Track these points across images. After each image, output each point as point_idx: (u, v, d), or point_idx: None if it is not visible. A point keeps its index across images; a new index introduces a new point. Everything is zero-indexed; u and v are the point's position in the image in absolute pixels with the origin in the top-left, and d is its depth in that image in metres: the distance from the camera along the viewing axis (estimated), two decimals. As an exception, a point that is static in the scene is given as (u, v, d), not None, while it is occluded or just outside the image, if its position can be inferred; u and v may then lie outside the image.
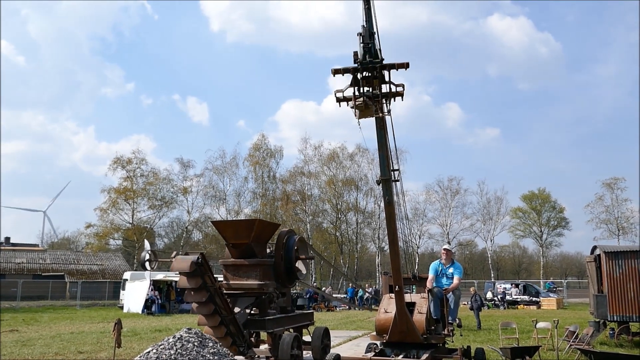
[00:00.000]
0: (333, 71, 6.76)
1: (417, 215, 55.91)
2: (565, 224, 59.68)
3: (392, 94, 7.08)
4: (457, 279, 8.97)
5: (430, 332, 8.66)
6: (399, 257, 8.19)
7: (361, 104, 6.87)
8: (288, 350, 9.86)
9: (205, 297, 9.08)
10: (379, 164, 7.70)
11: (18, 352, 13.19)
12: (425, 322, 8.68)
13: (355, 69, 6.74)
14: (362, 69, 6.73)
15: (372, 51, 6.78)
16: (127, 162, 49.30)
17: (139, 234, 48.55)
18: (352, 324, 22.23)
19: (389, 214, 7.86)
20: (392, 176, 7.66)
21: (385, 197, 7.81)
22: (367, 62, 6.64)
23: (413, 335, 8.50)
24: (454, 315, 8.87)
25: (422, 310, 8.87)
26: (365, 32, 6.83)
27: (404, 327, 8.42)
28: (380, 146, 7.47)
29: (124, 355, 12.01)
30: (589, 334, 13.03)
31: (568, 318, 22.17)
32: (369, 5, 6.92)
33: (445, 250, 9.42)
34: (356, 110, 6.99)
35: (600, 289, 14.53)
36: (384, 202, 7.94)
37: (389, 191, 7.65)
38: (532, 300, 36.01)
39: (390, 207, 7.79)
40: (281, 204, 52.97)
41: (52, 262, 49.09)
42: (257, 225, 10.41)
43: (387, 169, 7.58)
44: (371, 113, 6.99)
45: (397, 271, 8.12)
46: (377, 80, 6.89)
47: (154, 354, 6.98)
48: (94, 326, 20.95)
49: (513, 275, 74.57)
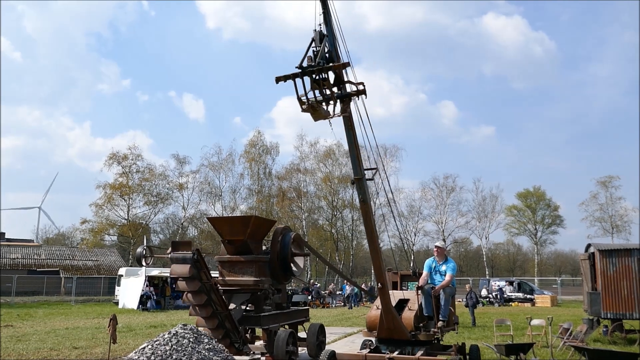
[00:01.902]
0: (276, 79, 6.87)
1: (413, 212, 56.01)
2: (559, 222, 59.88)
3: (348, 95, 7.23)
4: (449, 275, 8.88)
5: (418, 329, 8.63)
6: (379, 254, 8.32)
7: (308, 108, 6.98)
8: (283, 347, 9.88)
9: (204, 300, 9.11)
10: (351, 164, 7.84)
11: (13, 347, 13.17)
12: (413, 319, 8.67)
13: (295, 75, 6.83)
14: (301, 74, 6.81)
15: (322, 54, 6.93)
16: (123, 158, 49.21)
17: (135, 230, 48.47)
18: (348, 320, 22.28)
19: (365, 212, 8.01)
20: (365, 175, 7.83)
21: (359, 196, 7.98)
22: (306, 67, 6.77)
23: (400, 332, 8.51)
24: (445, 313, 8.78)
25: (413, 307, 8.88)
26: (316, 35, 7.04)
27: (391, 324, 8.46)
28: (350, 146, 7.62)
29: (119, 351, 12.01)
30: (582, 331, 13.11)
31: (562, 315, 22.28)
32: (327, 9, 7.12)
33: (437, 248, 9.35)
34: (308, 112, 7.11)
35: (594, 287, 14.61)
36: (359, 201, 8.07)
37: (362, 190, 7.81)
38: (527, 297, 36.16)
39: (365, 206, 7.94)
40: (277, 200, 52.96)
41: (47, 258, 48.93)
42: (252, 222, 10.42)
43: (359, 168, 7.70)
44: (322, 115, 7.10)
45: (378, 269, 8.23)
46: (327, 82, 6.97)
47: (149, 350, 6.99)
48: (89, 322, 20.92)
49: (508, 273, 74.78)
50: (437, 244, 9.46)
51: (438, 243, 9.49)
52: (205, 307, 9.17)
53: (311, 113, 7.13)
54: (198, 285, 8.98)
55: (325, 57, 7.03)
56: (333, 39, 7.22)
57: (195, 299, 9.14)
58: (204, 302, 9.12)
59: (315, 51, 7.00)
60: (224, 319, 9.53)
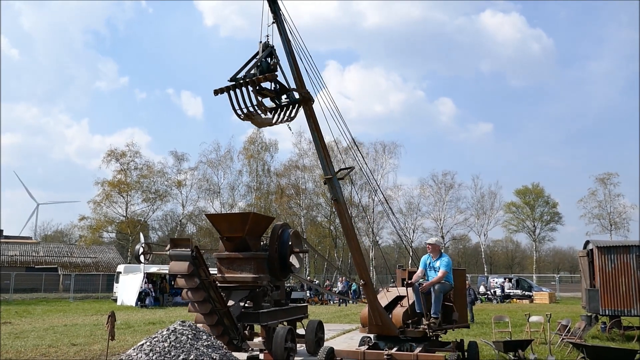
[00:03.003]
0: (214, 92, 7.32)
1: (412, 209, 56.03)
2: (558, 218, 59.91)
3: (294, 102, 7.82)
4: (442, 272, 8.72)
5: (407, 325, 8.59)
6: (360, 251, 8.51)
7: (245, 117, 7.45)
8: (282, 343, 9.88)
9: (203, 296, 9.11)
10: (320, 164, 8.31)
11: (11, 344, 13.16)
12: (402, 316, 8.64)
13: (227, 87, 7.30)
14: (233, 86, 7.27)
15: (264, 66, 7.47)
16: (121, 155, 49.08)
17: (133, 227, 48.39)
18: (346, 317, 22.30)
19: (339, 211, 8.33)
20: (335, 175, 8.17)
21: (331, 195, 8.35)
22: (237, 79, 7.28)
23: (388, 328, 8.52)
24: (436, 309, 8.65)
25: (405, 303, 8.85)
26: (260, 47, 7.58)
27: (378, 320, 8.49)
28: (316, 147, 8.19)
29: (118, 348, 12.00)
30: (581, 327, 13.13)
31: (560, 312, 22.33)
32: (279, 19, 7.69)
33: (429, 245, 9.29)
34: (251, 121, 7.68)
35: (592, 284, 14.63)
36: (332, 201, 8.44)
37: (333, 190, 8.18)
38: (525, 294, 36.24)
39: (338, 205, 8.24)
40: (275, 197, 52.92)
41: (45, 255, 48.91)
42: (251, 219, 10.41)
43: (327, 168, 8.09)
44: (265, 122, 7.70)
45: (358, 265, 8.49)
46: (266, 90, 7.62)
47: (148, 347, 6.98)
48: (88, 319, 20.91)
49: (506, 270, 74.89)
50: (429, 240, 9.35)
51: (430, 240, 9.36)
52: (204, 303, 9.17)
53: (251, 121, 7.58)
54: (197, 282, 8.98)
55: (270, 67, 7.56)
56: (289, 48, 7.74)
57: (194, 296, 9.14)
58: (202, 298, 9.12)
59: (257, 62, 7.49)
60: (222, 315, 9.52)
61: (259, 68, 7.49)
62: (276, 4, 7.79)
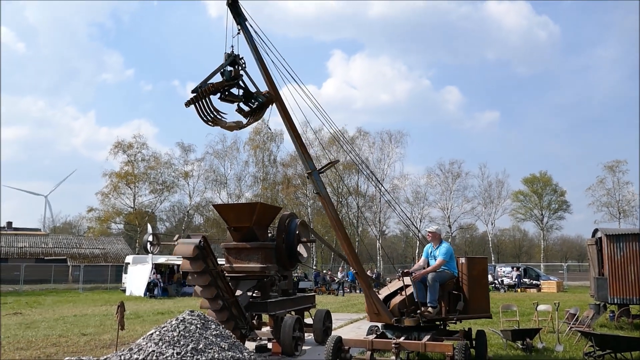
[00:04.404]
0: (185, 104, 7.85)
1: (419, 198, 55.94)
2: (566, 207, 59.59)
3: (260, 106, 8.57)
4: (439, 260, 8.67)
5: (403, 314, 8.57)
6: (349, 242, 8.85)
7: (213, 123, 8.11)
8: (290, 333, 9.92)
9: (208, 280, 9.13)
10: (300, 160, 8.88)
11: (22, 334, 13.30)
12: (398, 305, 8.63)
13: (195, 99, 7.85)
14: (195, 98, 7.83)
15: (227, 75, 8.17)
16: (128, 146, 49.22)
17: (141, 218, 48.63)
18: (354, 306, 22.37)
19: (323, 203, 8.74)
20: (316, 169, 8.62)
21: (314, 189, 8.77)
22: (196, 90, 7.85)
23: (384, 317, 8.56)
24: (432, 298, 8.57)
25: (406, 293, 8.81)
26: (225, 56, 8.25)
27: (374, 308, 8.57)
28: (294, 144, 8.82)
29: (127, 337, 12.10)
30: (589, 316, 13.09)
31: (568, 301, 22.27)
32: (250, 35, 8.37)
33: (429, 233, 9.23)
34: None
35: (601, 272, 14.57)
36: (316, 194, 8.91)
37: (314, 183, 8.63)
38: (533, 283, 36.16)
39: (321, 198, 8.68)
40: (282, 187, 52.94)
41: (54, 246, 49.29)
42: (258, 209, 10.42)
43: (306, 163, 8.63)
44: (233, 126, 8.30)
45: (350, 255, 8.83)
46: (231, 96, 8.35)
47: (157, 336, 7.02)
48: (97, 309, 21.10)
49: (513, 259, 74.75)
50: (429, 228, 9.31)
51: (430, 228, 9.30)
52: (209, 288, 9.19)
53: (220, 127, 8.22)
54: (202, 265, 8.99)
55: (232, 75, 8.22)
56: (257, 54, 8.41)
57: (199, 280, 9.16)
58: (208, 282, 9.13)
59: (218, 71, 8.16)
60: (230, 305, 9.56)
61: (223, 77, 8.23)
62: (241, 16, 8.46)
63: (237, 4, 8.48)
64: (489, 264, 47.17)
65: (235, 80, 8.28)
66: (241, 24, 8.42)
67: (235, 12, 8.45)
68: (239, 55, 8.36)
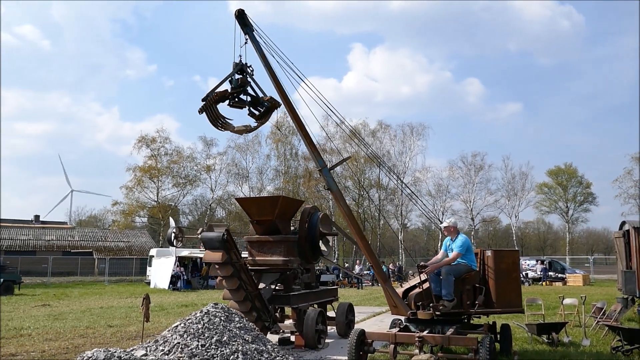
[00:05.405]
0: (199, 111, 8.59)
1: (441, 191, 55.51)
2: (592, 199, 58.54)
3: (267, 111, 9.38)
4: (454, 253, 8.58)
5: (418, 307, 8.49)
6: (362, 236, 9.10)
7: (223, 128, 8.81)
8: (313, 326, 9.94)
9: (230, 271, 9.19)
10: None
11: (51, 325, 13.59)
12: (415, 297, 8.58)
13: (204, 107, 8.60)
14: (204, 107, 8.58)
15: (234, 83, 8.92)
16: (152, 141, 49.84)
17: (164, 211, 49.24)
18: (376, 300, 22.32)
19: (335, 198, 9.12)
20: (326, 166, 9.01)
21: (325, 185, 9.15)
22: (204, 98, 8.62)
23: (401, 310, 8.58)
24: (447, 292, 8.45)
25: (424, 286, 8.72)
26: (233, 66, 8.95)
27: (391, 301, 8.67)
28: (305, 144, 9.34)
29: (152, 329, 12.27)
30: (617, 310, 12.85)
31: (595, 294, 21.91)
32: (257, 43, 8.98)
33: (444, 228, 9.20)
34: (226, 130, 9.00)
35: (629, 265, 14.28)
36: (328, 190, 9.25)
37: (325, 179, 8.99)
38: (558, 276, 35.67)
39: (333, 193, 9.10)
40: (303, 181, 53.07)
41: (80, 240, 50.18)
42: (281, 202, 10.43)
43: (316, 161, 9.12)
44: (242, 130, 9.06)
45: (364, 249, 9.11)
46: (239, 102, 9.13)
47: (182, 328, 7.11)
48: (122, 301, 21.44)
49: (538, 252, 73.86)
50: (443, 224, 9.23)
51: (444, 223, 9.22)
52: (232, 278, 9.26)
53: (230, 131, 8.91)
54: (231, 270, 9.09)
55: (239, 83, 8.94)
56: (265, 61, 8.93)
57: (228, 284, 9.25)
58: (237, 286, 9.22)
59: (227, 79, 8.88)
60: (254, 298, 9.62)
61: (231, 84, 8.92)
62: (248, 26, 9.02)
63: (244, 15, 9.04)
64: (512, 257, 46.68)
65: (242, 88, 9.01)
66: (248, 33, 9.01)
67: (242, 23, 9.03)
68: (246, 63, 9.06)
